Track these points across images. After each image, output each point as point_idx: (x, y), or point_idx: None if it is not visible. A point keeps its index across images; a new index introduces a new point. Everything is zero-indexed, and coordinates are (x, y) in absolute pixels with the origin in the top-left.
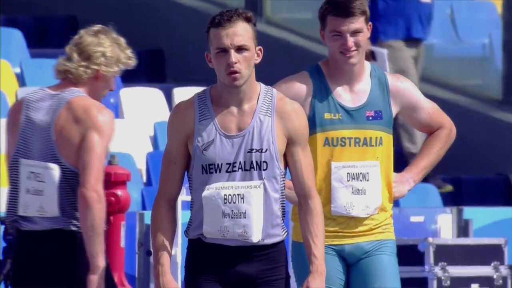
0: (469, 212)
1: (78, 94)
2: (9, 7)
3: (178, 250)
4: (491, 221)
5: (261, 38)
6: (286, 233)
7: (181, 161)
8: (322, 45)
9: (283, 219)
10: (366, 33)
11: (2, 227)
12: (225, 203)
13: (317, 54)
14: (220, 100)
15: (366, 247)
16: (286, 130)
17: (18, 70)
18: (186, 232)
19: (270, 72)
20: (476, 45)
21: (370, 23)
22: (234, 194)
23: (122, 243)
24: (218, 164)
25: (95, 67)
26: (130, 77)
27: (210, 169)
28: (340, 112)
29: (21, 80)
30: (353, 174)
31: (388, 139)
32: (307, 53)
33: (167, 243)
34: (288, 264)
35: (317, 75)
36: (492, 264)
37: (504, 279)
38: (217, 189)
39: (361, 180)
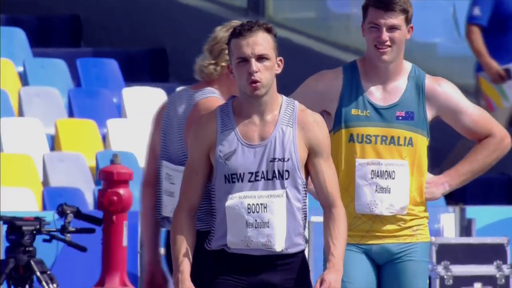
0: (472, 211)
1: (208, 95)
2: (12, 6)
3: None
4: (494, 220)
5: None
6: (307, 243)
7: (203, 171)
8: (324, 44)
9: (304, 229)
10: (404, 32)
11: (4, 227)
12: (248, 212)
13: (319, 54)
14: (242, 110)
15: (393, 249)
16: (307, 141)
17: (21, 69)
18: (207, 244)
19: None
20: None
21: (411, 25)
22: (257, 204)
23: (125, 242)
24: (240, 174)
25: (224, 63)
26: (133, 77)
27: (233, 179)
28: (369, 109)
29: (24, 79)
30: (378, 171)
31: (419, 140)
32: (310, 52)
33: (187, 251)
34: (310, 273)
35: (350, 71)
36: (495, 263)
37: (507, 278)
38: (240, 198)
39: (386, 178)
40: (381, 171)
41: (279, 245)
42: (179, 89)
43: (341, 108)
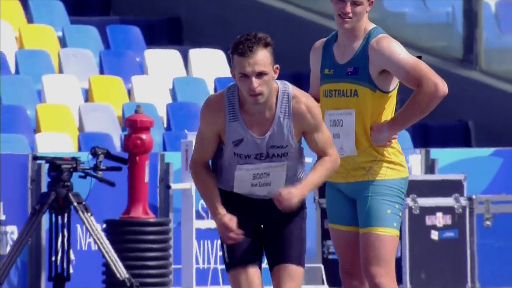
0: (435, 153)
1: None
2: None
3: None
4: (453, 160)
5: (263, 10)
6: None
7: (213, 141)
8: (314, 14)
9: (302, 175)
10: (365, 6)
11: (46, 165)
12: (253, 179)
13: (309, 22)
14: (245, 106)
15: (355, 186)
16: (302, 126)
17: (60, 34)
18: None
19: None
20: (441, 13)
21: (372, 1)
22: (262, 173)
23: (146, 179)
24: (247, 154)
25: None
26: (152, 41)
27: (240, 156)
28: (332, 68)
29: (63, 42)
30: (333, 121)
31: (364, 92)
32: (301, 21)
33: (213, 186)
34: (304, 208)
35: (330, 39)
36: (453, 196)
37: (463, 208)
38: (248, 170)
39: (336, 126)
40: (334, 120)
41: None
42: (190, 51)
43: (322, 69)
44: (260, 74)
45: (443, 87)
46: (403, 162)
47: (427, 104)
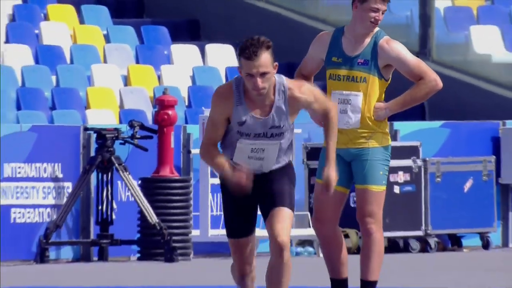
0: (397, 125)
1: None
2: None
3: None
4: (411, 130)
5: (263, 13)
6: (290, 157)
7: (223, 124)
8: (305, 17)
9: (290, 152)
10: (382, 16)
11: (94, 135)
12: (251, 152)
13: (302, 24)
14: (249, 94)
15: (353, 151)
16: (298, 107)
17: (105, 32)
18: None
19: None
20: (402, 16)
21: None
22: (259, 148)
23: (172, 145)
24: (249, 133)
25: None
26: (177, 37)
27: (242, 134)
28: (341, 57)
29: (107, 39)
30: (341, 99)
31: (371, 79)
32: (294, 23)
33: (221, 156)
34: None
35: (337, 32)
36: (412, 158)
37: (419, 168)
38: (247, 144)
39: (345, 103)
40: (342, 99)
41: (268, 169)
42: (207, 46)
43: (329, 56)
44: (263, 74)
45: (440, 83)
46: (388, 133)
47: (426, 94)
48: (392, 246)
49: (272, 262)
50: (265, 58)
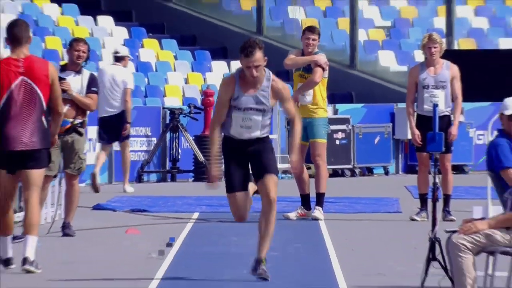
0: (338, 106)
1: None
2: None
3: None
4: (345, 109)
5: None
6: (269, 133)
7: (227, 104)
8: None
9: (269, 126)
10: None
11: (168, 111)
12: (242, 121)
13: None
14: (245, 79)
15: (308, 120)
16: (277, 96)
17: (174, 54)
18: (224, 131)
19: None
20: (339, 44)
21: None
22: (247, 118)
23: (212, 118)
24: (242, 107)
25: None
26: (214, 57)
27: (238, 108)
28: (301, 69)
29: (176, 58)
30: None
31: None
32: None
33: (217, 149)
34: (271, 143)
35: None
36: (345, 125)
37: (350, 129)
38: (240, 114)
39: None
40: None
41: (255, 136)
42: (231, 62)
43: (296, 70)
44: (257, 66)
45: (319, 78)
46: (327, 109)
47: (314, 84)
48: (334, 174)
49: (265, 209)
50: (258, 55)
